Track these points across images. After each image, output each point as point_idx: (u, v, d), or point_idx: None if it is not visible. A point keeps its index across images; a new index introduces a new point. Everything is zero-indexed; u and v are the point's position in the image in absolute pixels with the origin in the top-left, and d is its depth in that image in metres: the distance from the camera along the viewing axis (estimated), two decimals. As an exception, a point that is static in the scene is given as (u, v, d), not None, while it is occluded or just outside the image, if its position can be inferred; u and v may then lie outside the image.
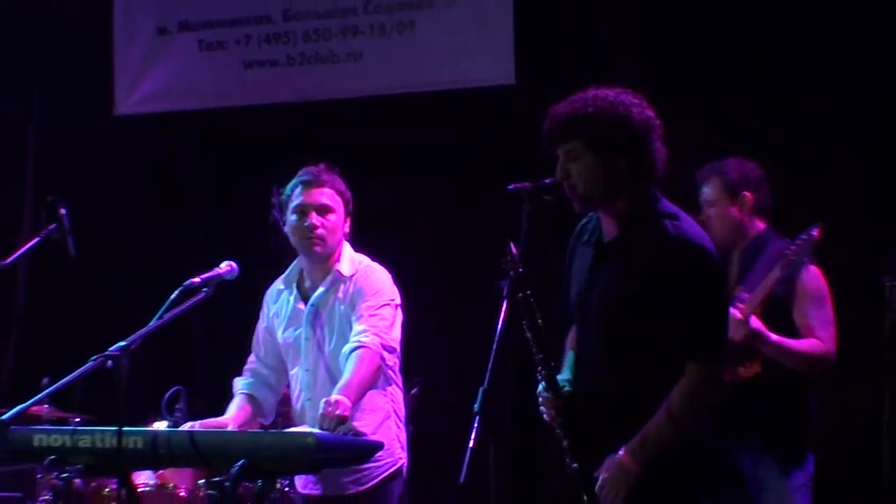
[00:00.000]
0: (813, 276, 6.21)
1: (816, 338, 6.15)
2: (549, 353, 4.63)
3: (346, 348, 5.72)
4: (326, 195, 5.92)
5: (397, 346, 5.89)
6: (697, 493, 4.62)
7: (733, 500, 6.20)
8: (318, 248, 5.92)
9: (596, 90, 4.56)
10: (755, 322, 5.95)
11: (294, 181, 6.00)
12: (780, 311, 6.14)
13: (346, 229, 5.98)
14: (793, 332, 6.16)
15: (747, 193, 6.31)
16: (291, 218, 5.97)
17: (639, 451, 4.38)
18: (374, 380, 5.71)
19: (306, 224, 5.86)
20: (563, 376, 4.68)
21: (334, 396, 5.45)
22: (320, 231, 5.87)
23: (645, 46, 8.55)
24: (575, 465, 4.54)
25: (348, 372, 5.64)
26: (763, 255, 6.28)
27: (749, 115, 8.27)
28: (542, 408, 4.64)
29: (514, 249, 4.58)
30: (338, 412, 5.36)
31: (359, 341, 5.67)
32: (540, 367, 4.63)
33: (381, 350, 5.70)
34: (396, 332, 5.89)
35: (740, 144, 7.30)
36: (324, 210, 5.89)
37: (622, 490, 4.44)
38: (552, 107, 4.60)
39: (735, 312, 5.89)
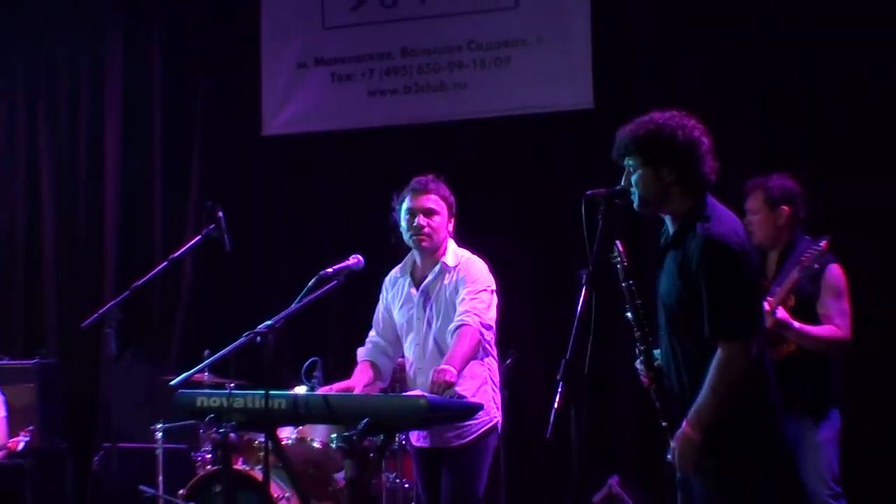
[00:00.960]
0: (834, 273, 6.28)
1: (834, 325, 6.21)
2: (645, 332, 4.77)
3: (452, 326, 5.83)
4: (432, 200, 5.99)
5: (493, 325, 5.95)
6: (751, 459, 4.64)
7: (781, 463, 6.22)
8: (425, 244, 6.01)
9: (654, 114, 4.64)
10: (781, 313, 6.03)
11: (406, 188, 6.08)
12: (807, 304, 6.19)
13: (450, 228, 6.06)
14: (817, 321, 6.20)
15: (785, 207, 6.34)
16: (404, 219, 6.06)
17: (695, 422, 4.45)
18: (475, 352, 5.78)
19: (415, 224, 5.98)
20: (658, 351, 4.79)
21: (442, 366, 5.58)
22: (427, 230, 5.97)
23: (704, 73, 8.44)
24: (664, 423, 4.70)
25: (454, 346, 5.76)
26: (793, 255, 6.32)
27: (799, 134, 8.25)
28: (641, 376, 4.83)
29: (620, 247, 4.67)
30: (445, 379, 5.47)
31: (462, 320, 5.77)
32: (638, 344, 4.77)
33: (480, 327, 5.78)
34: (492, 313, 5.94)
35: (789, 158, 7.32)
36: (429, 213, 5.97)
37: (691, 458, 4.52)
38: (619, 128, 4.70)
39: (765, 305, 5.94)
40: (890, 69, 7.98)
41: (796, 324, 6.09)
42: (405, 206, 6.06)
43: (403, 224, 6.08)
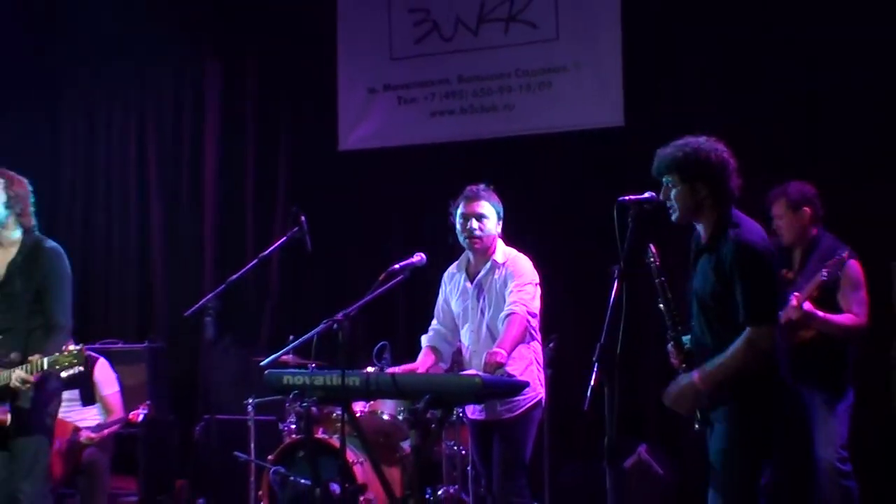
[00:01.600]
0: (852, 268, 6.42)
1: (853, 314, 6.36)
2: (675, 321, 4.88)
3: (502, 314, 5.91)
4: (482, 207, 6.06)
5: (537, 313, 6.05)
6: (770, 410, 4.73)
7: (797, 423, 6.33)
8: (476, 245, 6.10)
9: (688, 139, 4.77)
10: (807, 305, 6.17)
11: (461, 196, 6.13)
12: (830, 295, 6.33)
13: (499, 230, 6.12)
14: (838, 310, 6.35)
15: (806, 209, 6.51)
16: (458, 222, 6.11)
17: (706, 375, 4.59)
18: (523, 337, 5.88)
19: (468, 227, 6.05)
20: (686, 337, 4.88)
21: (494, 349, 5.72)
22: (478, 233, 6.05)
23: (721, 94, 8.46)
24: None
25: (504, 331, 5.85)
26: (817, 250, 6.49)
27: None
28: (671, 358, 4.90)
29: (653, 249, 4.82)
30: (496, 360, 5.62)
31: (511, 309, 5.87)
32: (669, 331, 4.89)
33: (527, 315, 5.88)
34: (537, 303, 6.04)
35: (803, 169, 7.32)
36: (480, 217, 6.04)
37: (689, 402, 4.71)
38: (659, 149, 4.82)
39: (793, 299, 6.11)
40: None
41: (821, 314, 6.24)
42: (459, 211, 6.12)
43: (458, 227, 6.15)
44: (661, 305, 4.91)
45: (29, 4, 10.81)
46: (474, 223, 6.07)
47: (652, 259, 4.89)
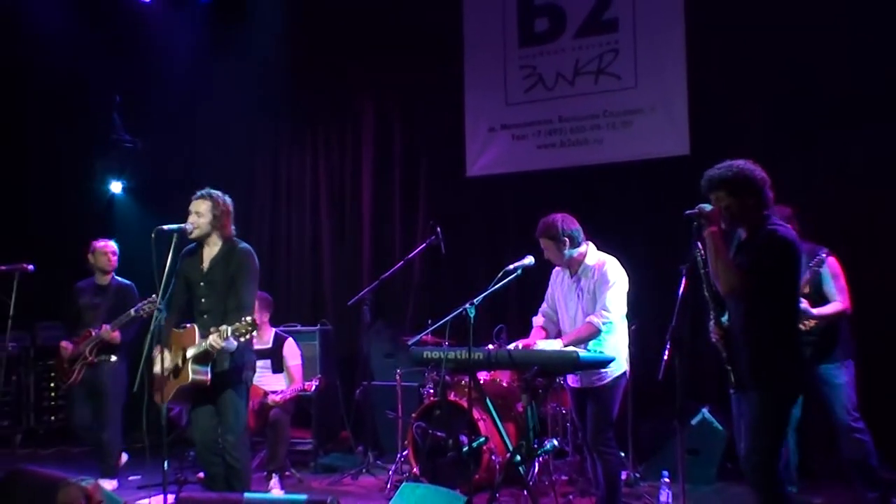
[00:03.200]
0: (832, 264, 6.37)
1: (837, 301, 6.30)
2: (718, 304, 4.80)
3: (586, 318, 5.84)
4: (543, 244, 5.96)
5: (621, 308, 5.88)
6: (794, 392, 4.75)
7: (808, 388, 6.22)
8: (556, 265, 6.16)
9: (733, 162, 4.73)
10: (803, 304, 6.05)
11: None
12: (818, 287, 6.31)
13: (564, 248, 5.89)
14: (826, 299, 6.31)
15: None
16: None
17: (712, 237, 4.61)
18: (587, 340, 5.76)
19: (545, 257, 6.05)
20: (724, 318, 4.80)
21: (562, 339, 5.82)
22: (552, 261, 6.06)
23: (760, 131, 8.36)
24: (728, 367, 4.74)
25: (574, 330, 5.88)
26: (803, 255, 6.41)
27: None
28: (711, 334, 4.84)
29: (700, 247, 4.75)
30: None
31: (590, 319, 5.80)
32: (712, 312, 4.81)
33: (600, 324, 5.75)
34: (622, 300, 5.88)
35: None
36: (547, 251, 5.99)
37: (704, 219, 4.68)
38: (706, 171, 4.78)
39: None
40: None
41: (814, 311, 6.21)
42: None
43: None
44: (706, 291, 4.82)
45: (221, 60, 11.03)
46: (546, 254, 6.03)
47: (700, 253, 4.79)
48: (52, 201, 11.20)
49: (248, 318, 5.65)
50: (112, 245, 8.03)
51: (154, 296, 6.25)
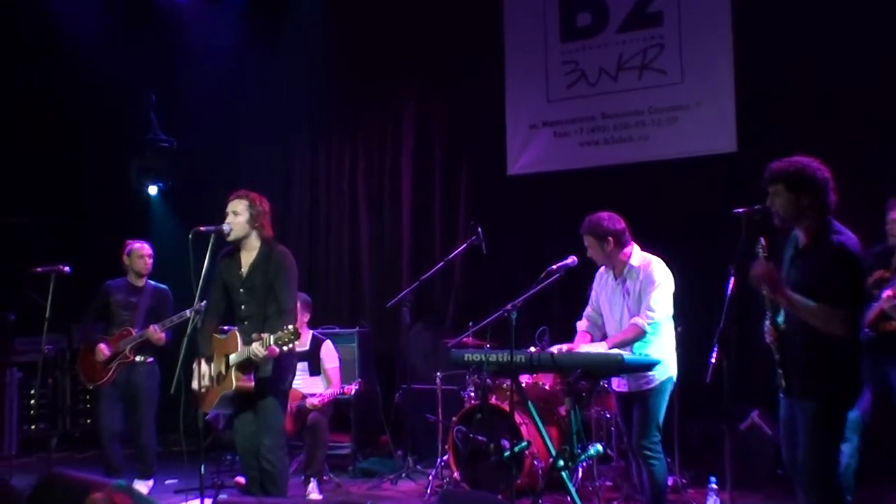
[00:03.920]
0: None
1: None
2: (773, 304, 4.71)
3: (631, 319, 5.82)
4: (587, 241, 5.94)
5: (667, 309, 5.87)
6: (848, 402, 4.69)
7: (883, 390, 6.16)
8: (600, 265, 6.12)
9: (796, 158, 4.67)
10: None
11: None
12: None
13: (610, 247, 5.88)
14: None
15: None
16: None
17: (792, 296, 4.49)
18: (631, 342, 5.75)
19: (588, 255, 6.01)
20: (780, 318, 4.73)
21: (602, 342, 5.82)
22: (592, 258, 6.01)
23: (819, 121, 8.29)
24: (780, 370, 4.69)
25: (619, 332, 5.86)
26: None
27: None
28: (766, 335, 4.76)
29: (763, 241, 4.69)
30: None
31: (635, 320, 5.77)
32: (768, 312, 4.73)
33: (646, 326, 5.73)
34: (668, 301, 5.86)
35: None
36: (589, 250, 5.96)
37: (766, 282, 4.56)
38: (771, 163, 4.71)
39: (885, 293, 5.98)
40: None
41: None
42: None
43: None
44: (764, 291, 4.76)
45: (264, 61, 11.08)
46: (590, 253, 6.00)
47: (761, 250, 4.74)
48: (88, 202, 11.29)
49: (291, 327, 5.65)
50: (148, 247, 8.03)
51: (201, 302, 6.25)
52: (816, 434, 4.56)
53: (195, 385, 6.02)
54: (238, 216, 6.14)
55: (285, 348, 5.68)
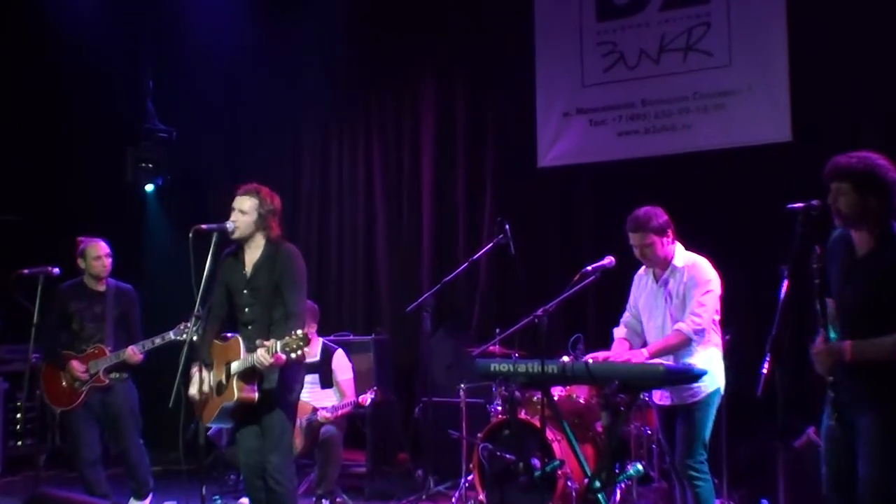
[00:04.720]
0: None
1: None
2: (826, 319, 4.62)
3: (676, 325, 5.80)
4: (638, 238, 5.87)
5: (714, 315, 5.82)
6: None
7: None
8: (646, 264, 6.05)
9: (867, 153, 4.60)
10: None
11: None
12: None
13: (666, 242, 5.86)
14: None
15: None
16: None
17: (859, 349, 4.40)
18: (676, 350, 5.75)
19: (637, 254, 5.97)
20: (832, 335, 4.63)
21: (639, 350, 5.76)
22: (641, 256, 5.95)
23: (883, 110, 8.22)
24: (832, 393, 4.60)
25: (661, 339, 5.84)
26: None
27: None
28: (815, 354, 4.62)
29: (818, 250, 4.64)
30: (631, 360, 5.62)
31: (679, 326, 5.75)
32: (820, 328, 4.63)
33: (690, 332, 5.70)
34: (715, 306, 5.81)
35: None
36: (639, 245, 5.88)
37: (828, 361, 4.49)
38: (835, 157, 4.63)
39: None
40: None
41: None
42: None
43: None
44: (818, 305, 4.66)
45: (273, 54, 11.09)
46: (637, 251, 5.94)
47: (817, 259, 4.69)
48: (77, 198, 11.23)
49: (300, 332, 5.60)
50: (105, 246, 7.76)
51: (186, 322, 6.19)
52: (882, 446, 4.48)
53: (193, 391, 5.92)
54: (245, 215, 6.08)
55: (293, 356, 5.62)
